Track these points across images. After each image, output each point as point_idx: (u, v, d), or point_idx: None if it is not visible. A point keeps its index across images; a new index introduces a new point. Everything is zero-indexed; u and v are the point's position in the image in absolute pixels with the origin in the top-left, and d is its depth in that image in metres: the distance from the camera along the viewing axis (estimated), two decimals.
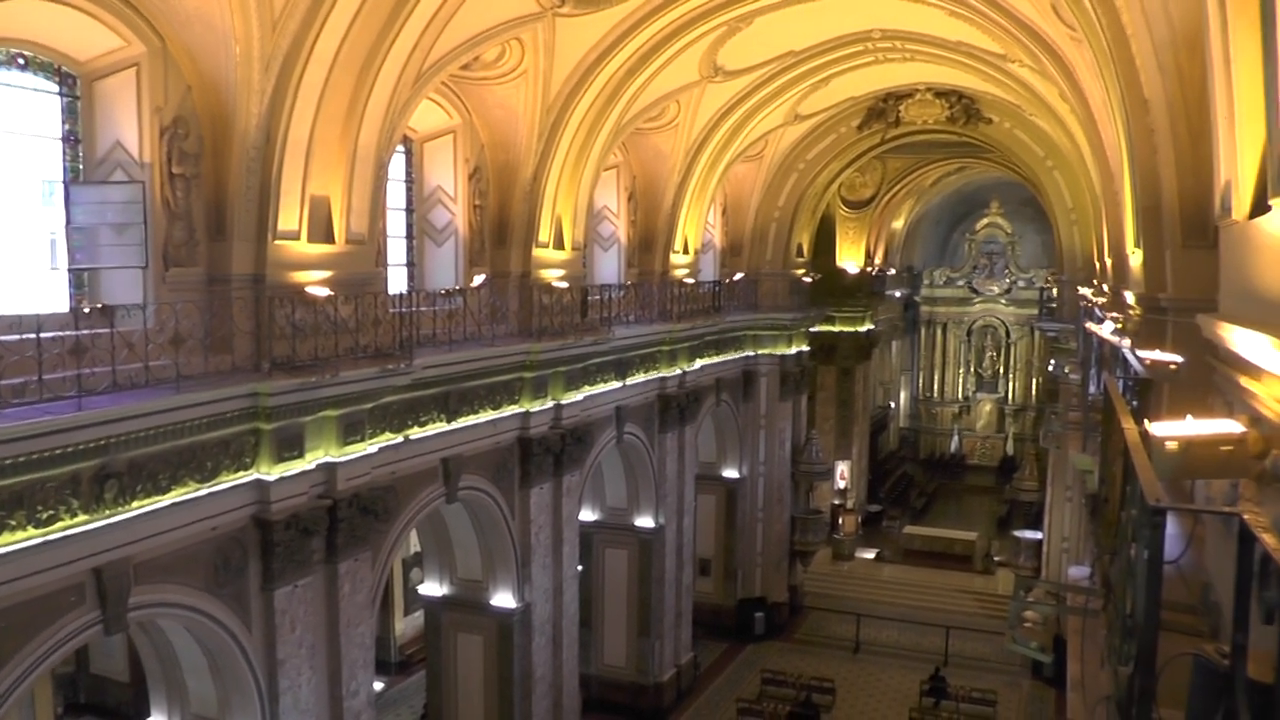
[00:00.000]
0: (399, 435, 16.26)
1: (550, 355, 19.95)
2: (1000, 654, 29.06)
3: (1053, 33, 16.12)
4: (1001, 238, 52.49)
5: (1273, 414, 5.57)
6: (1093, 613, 9.78)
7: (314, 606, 14.61)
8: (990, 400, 53.92)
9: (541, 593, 21.12)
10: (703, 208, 28.48)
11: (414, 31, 14.85)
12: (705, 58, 22.72)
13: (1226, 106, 6.65)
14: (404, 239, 19.59)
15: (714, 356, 29.43)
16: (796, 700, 27.24)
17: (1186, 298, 9.69)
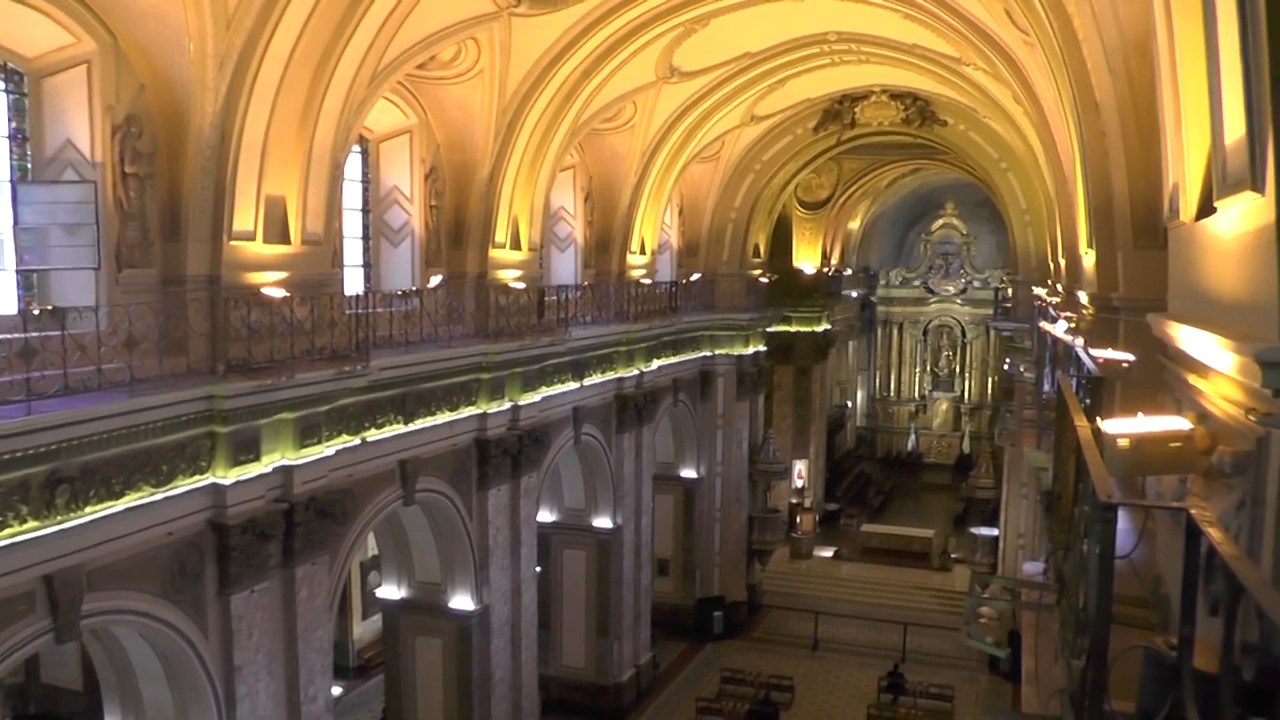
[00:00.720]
0: (356, 437, 16.07)
1: (507, 356, 19.83)
2: (958, 649, 29.39)
3: (1006, 37, 16.33)
4: (957, 238, 53.10)
5: (1219, 411, 5.66)
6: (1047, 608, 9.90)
7: (271, 611, 14.38)
8: (946, 399, 54.54)
9: (500, 594, 20.98)
10: (659, 208, 28.50)
11: (369, 30, 14.69)
12: (661, 59, 22.73)
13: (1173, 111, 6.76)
14: (360, 240, 19.38)
15: (671, 357, 29.46)
16: (756, 699, 27.34)
17: (1138, 297, 9.86)
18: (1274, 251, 4.55)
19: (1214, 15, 5.34)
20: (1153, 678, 4.32)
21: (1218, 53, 5.33)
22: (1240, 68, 4.83)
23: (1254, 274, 4.94)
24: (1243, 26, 4.76)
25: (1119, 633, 4.84)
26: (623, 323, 25.49)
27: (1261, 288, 4.76)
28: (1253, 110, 4.71)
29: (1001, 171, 30.58)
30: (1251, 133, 4.73)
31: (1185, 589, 3.84)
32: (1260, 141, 4.66)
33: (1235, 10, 4.84)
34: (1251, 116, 4.72)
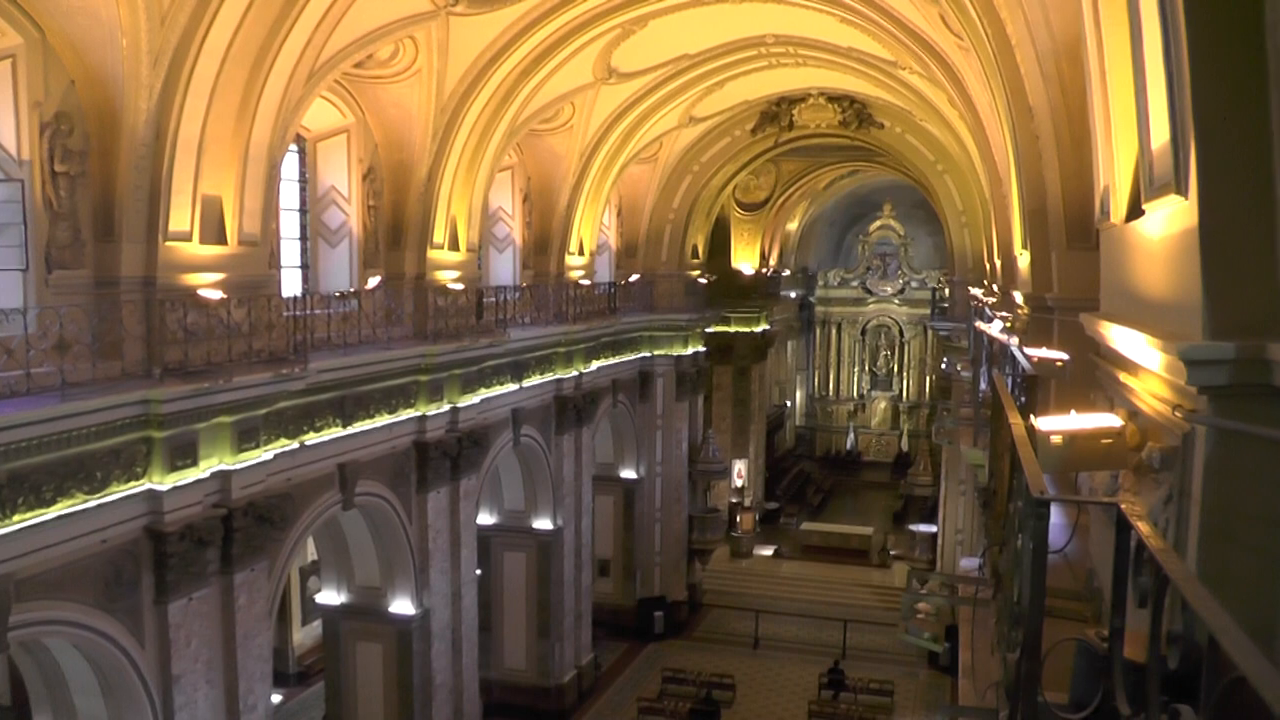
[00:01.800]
0: (295, 441, 15.89)
1: (446, 358, 19.73)
2: (898, 645, 29.77)
3: (941, 41, 16.62)
4: (894, 239, 53.75)
5: (1149, 408, 5.83)
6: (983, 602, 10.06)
7: (210, 619, 14.15)
8: (885, 398, 55.16)
9: (440, 598, 20.85)
10: (598, 209, 28.51)
11: (307, 27, 14.52)
12: (600, 60, 22.76)
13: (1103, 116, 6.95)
14: (298, 240, 19.15)
15: (610, 358, 29.49)
16: (697, 697, 27.47)
17: (1071, 297, 10.06)
18: (1197, 253, 4.73)
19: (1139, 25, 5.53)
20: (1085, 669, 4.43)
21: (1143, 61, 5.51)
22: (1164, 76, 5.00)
23: (1179, 274, 5.12)
24: (1165, 36, 4.94)
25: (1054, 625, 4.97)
26: (562, 324, 25.47)
27: (1186, 288, 4.94)
28: (1176, 116, 4.88)
29: (938, 174, 31.05)
30: (1175, 138, 4.91)
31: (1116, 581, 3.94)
32: (1183, 147, 4.83)
33: (1158, 20, 5.02)
34: (1175, 122, 4.90)
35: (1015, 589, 5.24)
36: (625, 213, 32.67)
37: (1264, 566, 4.61)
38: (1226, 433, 4.69)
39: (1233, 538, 4.72)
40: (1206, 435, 4.81)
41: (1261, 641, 4.45)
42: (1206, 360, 4.60)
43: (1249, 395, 4.54)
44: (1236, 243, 4.61)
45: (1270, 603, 4.58)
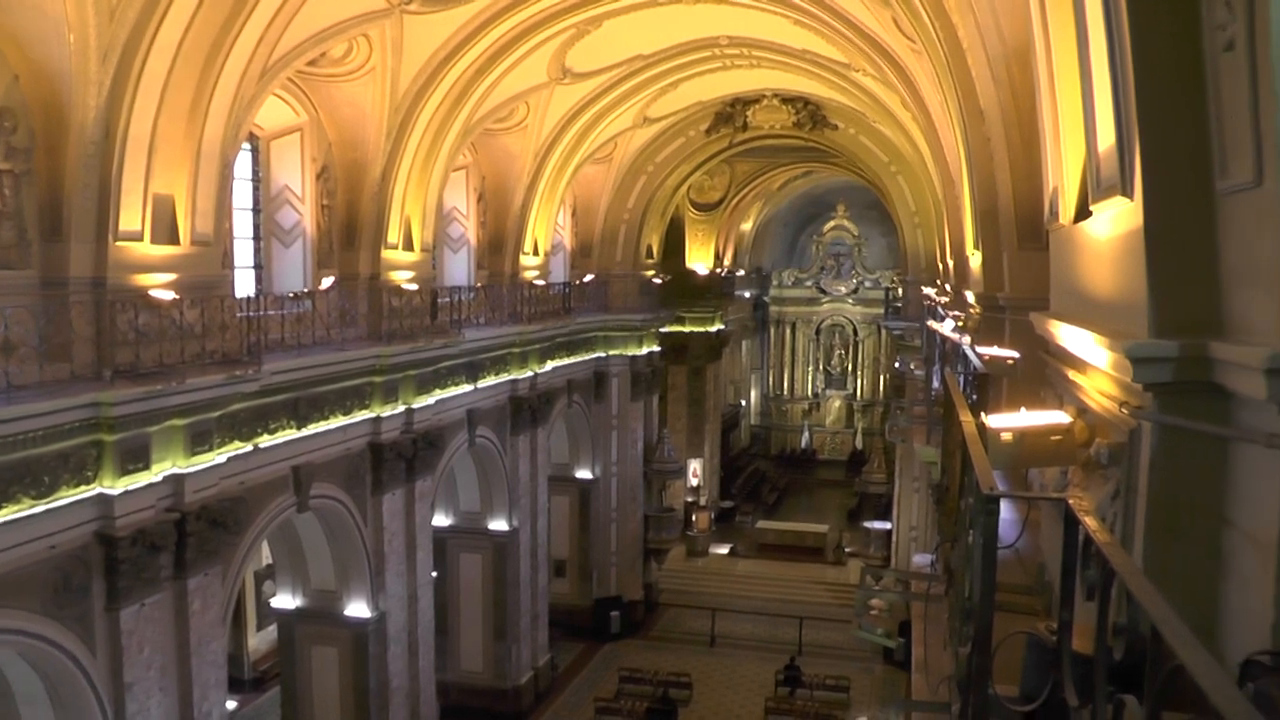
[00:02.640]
0: (248, 444, 15.72)
1: (401, 359, 19.62)
2: (854, 641, 29.90)
3: (894, 44, 16.80)
4: (848, 240, 54.14)
5: (1097, 405, 5.95)
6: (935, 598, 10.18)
7: (163, 625, 13.94)
8: (839, 397, 55.54)
9: (396, 601, 20.72)
10: (552, 209, 28.48)
11: (259, 24, 14.37)
12: (554, 60, 22.75)
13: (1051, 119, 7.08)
14: (251, 240, 18.95)
15: (565, 358, 29.47)
16: (654, 696, 27.53)
17: (1022, 297, 10.17)
18: (1142, 253, 4.85)
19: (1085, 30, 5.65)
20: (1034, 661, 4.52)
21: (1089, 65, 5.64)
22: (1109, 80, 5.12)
23: (1125, 274, 5.24)
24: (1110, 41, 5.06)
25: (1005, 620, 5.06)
26: (516, 324, 25.42)
27: (1132, 287, 5.05)
28: (1121, 120, 5.00)
29: (891, 175, 31.35)
30: (1120, 141, 5.02)
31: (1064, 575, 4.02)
32: (1128, 149, 4.95)
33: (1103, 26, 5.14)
34: (1120, 125, 5.01)
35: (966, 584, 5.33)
36: (580, 213, 32.66)
37: (1207, 559, 4.72)
38: (1170, 429, 4.80)
39: (1177, 531, 4.83)
40: (1151, 431, 4.93)
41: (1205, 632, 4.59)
42: (1151, 358, 4.71)
43: (1192, 392, 4.65)
44: (1179, 243, 4.73)
45: (1212, 594, 4.70)
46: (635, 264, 33.59)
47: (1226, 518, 4.68)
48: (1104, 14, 5.10)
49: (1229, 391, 4.50)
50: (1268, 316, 4.14)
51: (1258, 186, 4.13)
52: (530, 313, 26.29)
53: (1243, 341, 4.35)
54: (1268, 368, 3.96)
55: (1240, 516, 4.59)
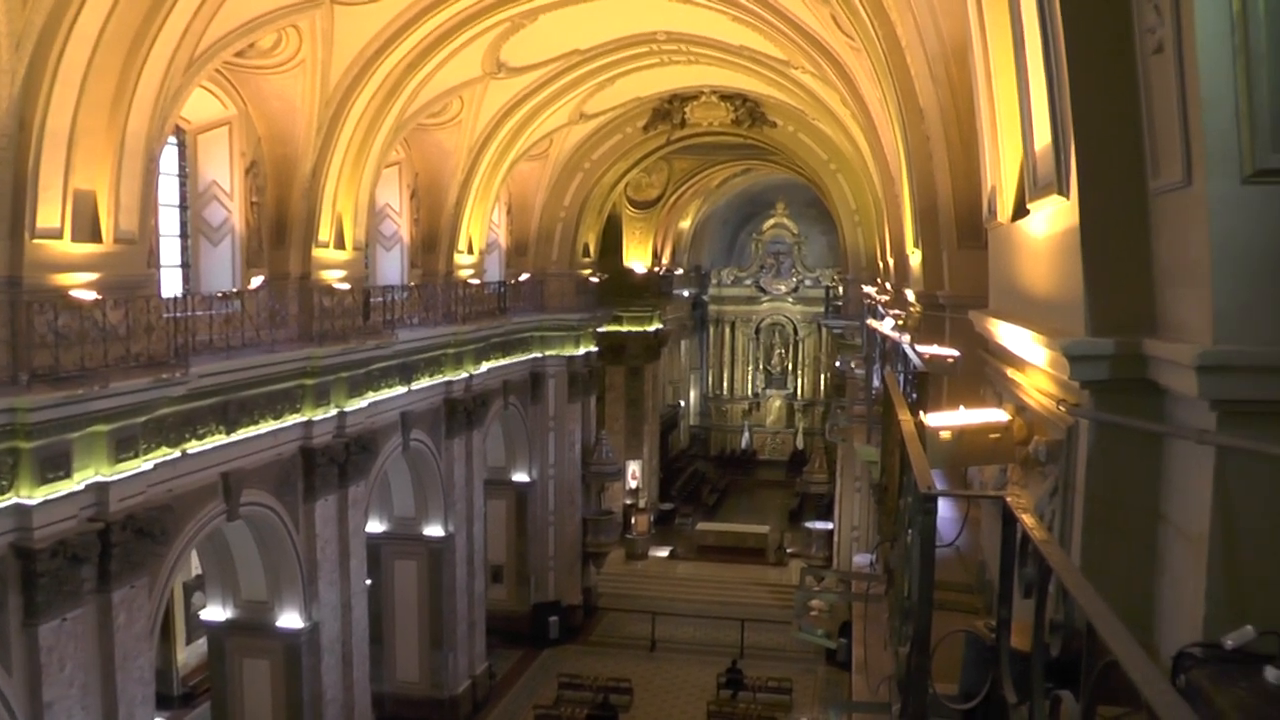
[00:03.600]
0: (176, 450, 15.32)
1: (332, 361, 19.29)
2: (796, 643, 30.04)
3: (833, 41, 16.89)
4: (788, 238, 54.32)
5: (1035, 403, 6.00)
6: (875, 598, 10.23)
7: (86, 641, 13.47)
8: (779, 396, 55.71)
9: (330, 610, 20.35)
10: (487, 206, 28.22)
11: (185, 13, 14.00)
12: (489, 53, 22.53)
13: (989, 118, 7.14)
14: (178, 238, 18.47)
15: (501, 359, 29.23)
16: (594, 703, 27.38)
17: (962, 295, 10.25)
18: (1078, 251, 4.87)
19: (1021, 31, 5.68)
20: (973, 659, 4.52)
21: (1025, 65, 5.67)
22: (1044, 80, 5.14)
23: (1062, 272, 5.27)
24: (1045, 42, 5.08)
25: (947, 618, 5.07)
26: (451, 324, 25.14)
27: (1069, 285, 5.08)
28: (1056, 119, 5.03)
29: (831, 173, 31.54)
30: (1056, 140, 5.05)
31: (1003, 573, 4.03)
32: (1064, 148, 4.98)
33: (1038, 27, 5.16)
34: (1055, 125, 5.04)
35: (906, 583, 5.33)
36: (515, 210, 32.41)
37: (1142, 554, 4.77)
38: (1107, 426, 4.83)
39: (1114, 527, 4.87)
40: (1088, 429, 4.96)
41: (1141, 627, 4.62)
42: (1087, 356, 4.74)
43: (1128, 389, 4.69)
44: (1114, 242, 4.76)
45: (1148, 589, 4.74)
46: (572, 263, 33.43)
47: (1161, 513, 4.73)
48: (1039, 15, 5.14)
49: (1163, 388, 4.54)
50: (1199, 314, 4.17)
51: (1187, 187, 4.17)
52: (465, 313, 26.03)
53: (1176, 339, 4.39)
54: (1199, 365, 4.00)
55: (1173, 512, 4.64)
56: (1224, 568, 4.11)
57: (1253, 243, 3.94)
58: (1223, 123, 3.90)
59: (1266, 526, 4.06)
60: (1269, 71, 3.84)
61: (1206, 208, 4.00)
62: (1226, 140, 3.91)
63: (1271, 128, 3.86)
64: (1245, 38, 3.85)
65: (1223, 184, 3.94)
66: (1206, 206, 4.00)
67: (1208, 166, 3.97)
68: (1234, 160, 3.91)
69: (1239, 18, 3.84)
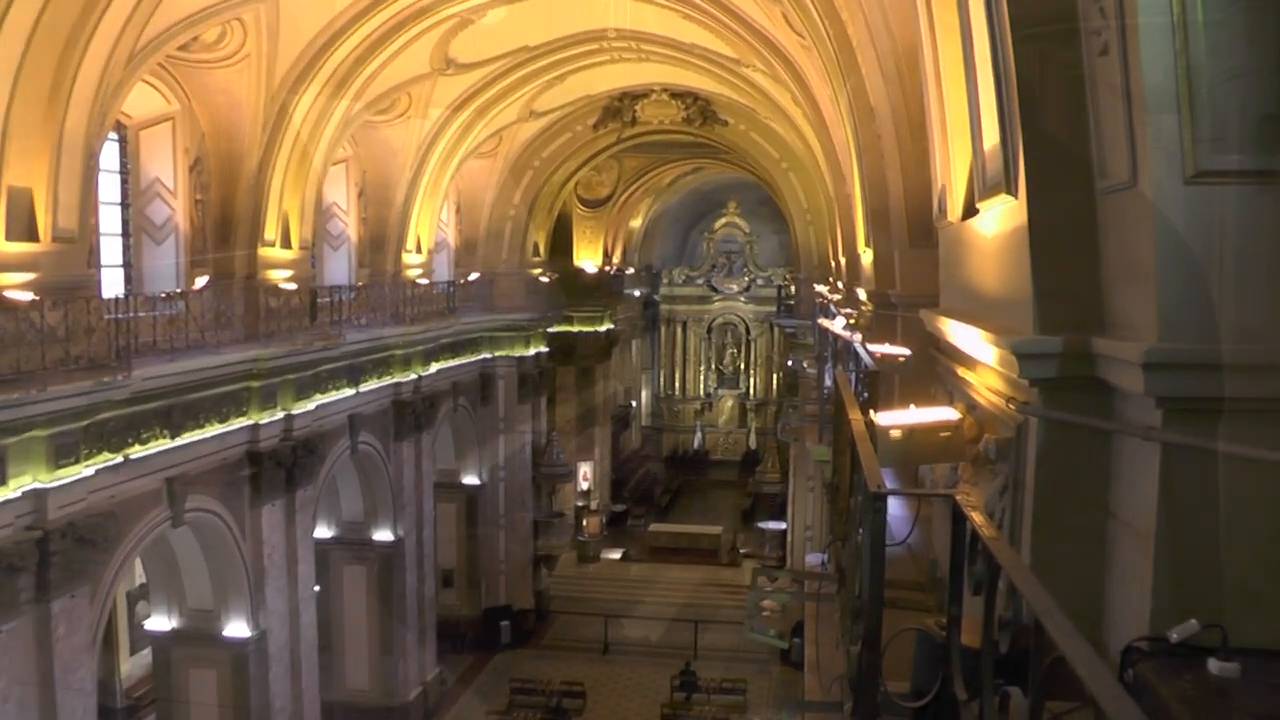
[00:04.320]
0: (118, 455, 14.99)
1: (279, 363, 19.02)
2: (749, 643, 30.02)
3: (784, 40, 16.96)
4: (740, 237, 54.35)
5: (985, 401, 6.05)
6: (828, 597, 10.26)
7: (23, 653, 13.13)
8: (732, 396, 55.70)
9: (277, 618, 20.04)
10: (436, 205, 27.98)
11: (126, 5, 13.76)
12: (437, 49, 22.35)
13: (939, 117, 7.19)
14: (119, 237, 18.14)
15: (450, 360, 29.00)
16: (547, 707, 27.27)
17: (914, 294, 10.31)
18: (1027, 250, 4.92)
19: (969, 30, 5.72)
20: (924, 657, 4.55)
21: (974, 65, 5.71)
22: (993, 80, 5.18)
23: (1011, 271, 5.31)
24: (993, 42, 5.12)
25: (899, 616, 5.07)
26: (399, 325, 24.89)
27: (1018, 284, 5.13)
28: (1005, 119, 5.06)
29: (783, 171, 31.61)
30: (1004, 139, 5.09)
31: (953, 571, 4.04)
32: (1012, 148, 5.02)
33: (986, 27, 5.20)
34: (1004, 124, 5.08)
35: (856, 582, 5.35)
36: (464, 209, 32.16)
37: (1091, 551, 4.82)
38: (1056, 424, 4.88)
39: (1063, 524, 4.92)
40: (1038, 426, 5.00)
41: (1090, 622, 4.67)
42: (1036, 354, 4.79)
43: (1076, 387, 4.74)
44: (1062, 240, 4.81)
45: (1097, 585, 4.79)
46: (521, 262, 33.24)
47: (1109, 510, 4.78)
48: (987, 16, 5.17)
49: (1111, 386, 4.59)
50: (1144, 312, 4.22)
51: (1133, 187, 4.22)
52: (413, 313, 25.79)
53: (1123, 337, 4.44)
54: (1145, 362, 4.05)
55: (1121, 508, 4.69)
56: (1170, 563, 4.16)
57: (1196, 242, 4.00)
58: (1166, 124, 3.96)
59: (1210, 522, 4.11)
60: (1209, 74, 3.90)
61: (1151, 207, 4.05)
62: (1170, 141, 3.96)
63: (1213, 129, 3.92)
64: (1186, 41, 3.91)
65: (1167, 184, 3.99)
66: (1151, 206, 4.05)
67: (1152, 167, 4.02)
68: (1177, 161, 3.96)
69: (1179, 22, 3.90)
